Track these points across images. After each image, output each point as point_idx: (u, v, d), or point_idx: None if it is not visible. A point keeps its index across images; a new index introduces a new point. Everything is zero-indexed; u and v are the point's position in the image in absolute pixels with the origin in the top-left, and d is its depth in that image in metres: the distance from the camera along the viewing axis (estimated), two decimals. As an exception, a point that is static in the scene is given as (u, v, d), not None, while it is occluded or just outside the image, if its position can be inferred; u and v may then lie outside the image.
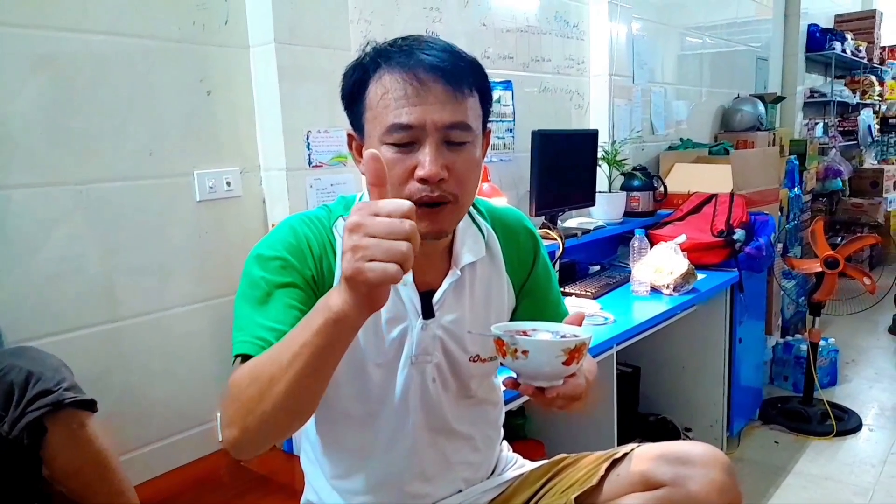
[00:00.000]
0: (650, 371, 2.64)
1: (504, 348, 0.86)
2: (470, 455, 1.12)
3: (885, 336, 4.00)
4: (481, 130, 0.98)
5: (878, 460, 2.53)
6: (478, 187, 1.00)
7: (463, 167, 0.93)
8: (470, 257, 1.04)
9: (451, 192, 0.92)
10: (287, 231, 0.98)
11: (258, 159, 1.72)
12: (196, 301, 1.64)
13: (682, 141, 3.49)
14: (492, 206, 1.15)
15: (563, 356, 0.84)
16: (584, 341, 0.86)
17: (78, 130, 1.42)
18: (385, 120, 0.90)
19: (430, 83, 0.90)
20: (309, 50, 1.67)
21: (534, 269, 1.15)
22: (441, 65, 0.90)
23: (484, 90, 0.97)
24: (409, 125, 0.89)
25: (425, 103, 0.89)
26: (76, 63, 1.41)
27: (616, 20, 2.88)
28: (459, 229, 1.05)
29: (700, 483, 0.99)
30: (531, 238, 1.16)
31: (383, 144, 0.91)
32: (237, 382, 0.83)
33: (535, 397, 0.88)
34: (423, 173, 0.89)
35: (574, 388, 0.88)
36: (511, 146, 2.48)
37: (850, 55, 5.34)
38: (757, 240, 2.60)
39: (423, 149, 0.90)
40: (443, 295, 1.02)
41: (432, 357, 1.03)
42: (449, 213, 0.94)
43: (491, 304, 1.08)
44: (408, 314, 1.01)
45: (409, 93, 0.89)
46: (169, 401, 1.60)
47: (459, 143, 0.92)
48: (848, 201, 5.35)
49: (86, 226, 1.44)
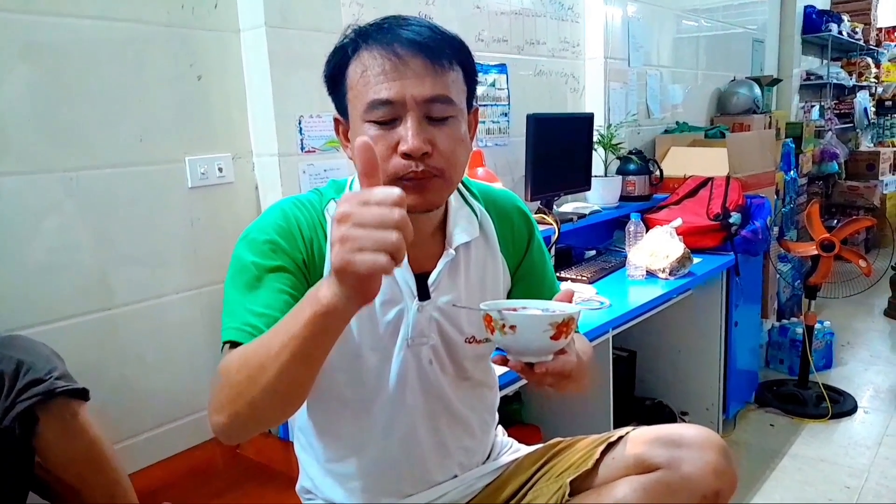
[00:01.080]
0: (646, 355, 2.64)
1: (492, 324, 0.85)
2: (466, 440, 1.11)
3: (881, 319, 4.02)
4: (466, 107, 0.97)
5: (872, 442, 2.54)
6: (467, 164, 0.99)
7: (447, 141, 0.92)
8: (464, 237, 1.04)
9: (437, 166, 0.91)
10: (277, 214, 0.97)
11: (250, 145, 1.70)
12: (189, 288, 1.63)
13: (678, 124, 3.47)
14: (485, 187, 1.14)
15: (550, 330, 0.83)
16: (571, 315, 0.85)
17: (67, 117, 1.40)
18: (365, 97, 0.90)
19: (408, 57, 0.89)
20: (300, 34, 1.65)
21: (529, 251, 1.14)
22: (419, 39, 0.90)
23: (467, 66, 0.97)
24: (388, 100, 0.89)
25: (404, 77, 0.89)
26: (64, 48, 1.39)
27: (611, 3, 2.85)
28: (452, 210, 1.04)
29: (695, 465, 0.99)
30: (525, 219, 1.15)
31: (365, 122, 0.91)
32: (227, 369, 0.83)
33: (525, 374, 0.87)
34: (405, 148, 0.89)
35: (564, 365, 0.87)
36: (506, 130, 2.47)
37: (846, 37, 5.32)
38: (753, 223, 2.59)
39: (404, 124, 0.89)
40: (438, 276, 1.01)
41: (428, 339, 1.02)
42: (437, 186, 0.93)
43: (486, 285, 1.08)
44: (403, 296, 1.00)
45: (387, 68, 0.89)
46: (162, 389, 1.59)
47: (442, 118, 0.91)
48: (844, 184, 5.35)
49: (76, 213, 1.43)
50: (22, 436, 1.09)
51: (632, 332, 2.15)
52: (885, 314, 4.05)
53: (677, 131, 3.40)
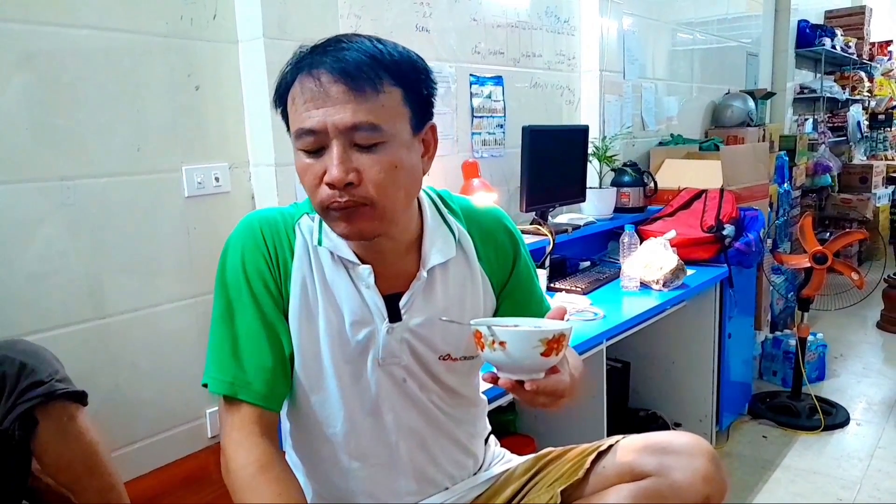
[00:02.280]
0: (640, 366, 2.65)
1: (482, 340, 0.84)
2: (455, 453, 1.12)
3: (874, 331, 4.03)
4: (412, 126, 0.92)
5: (865, 454, 2.55)
6: (414, 188, 0.96)
7: (376, 170, 0.88)
8: (439, 258, 1.02)
9: (364, 195, 0.88)
10: (248, 239, 1.00)
11: (247, 155, 1.71)
12: (184, 298, 1.63)
13: (673, 137, 3.50)
14: (470, 204, 1.12)
15: (541, 346, 0.83)
16: (563, 331, 0.84)
17: (63, 126, 1.41)
18: (294, 125, 0.90)
19: (329, 84, 0.86)
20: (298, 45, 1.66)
21: (514, 270, 1.12)
22: (341, 64, 0.86)
23: (410, 85, 0.91)
24: (311, 130, 0.87)
25: (325, 105, 0.86)
26: (61, 58, 1.40)
27: (607, 15, 2.88)
28: (428, 229, 1.02)
29: (684, 472, 1.00)
30: (510, 237, 1.13)
31: (298, 151, 0.91)
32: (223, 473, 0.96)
33: (516, 392, 0.87)
34: (328, 178, 0.88)
35: (556, 384, 0.87)
36: (502, 142, 2.48)
37: (839, 51, 5.36)
38: (746, 235, 2.61)
39: (329, 153, 0.88)
40: (410, 298, 1.01)
41: (399, 360, 1.02)
42: (365, 215, 0.90)
43: (465, 305, 1.06)
44: (373, 317, 1.00)
45: (310, 97, 0.87)
46: (156, 398, 1.59)
47: (369, 146, 0.88)
48: (837, 197, 5.38)
49: (72, 222, 1.43)
50: (21, 438, 1.10)
51: (626, 343, 2.16)
52: (877, 326, 4.06)
53: (672, 143, 3.43)
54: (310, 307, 0.99)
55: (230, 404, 0.97)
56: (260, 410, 0.96)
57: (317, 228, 1.00)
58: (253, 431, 0.95)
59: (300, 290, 0.99)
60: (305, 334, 0.99)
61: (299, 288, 0.99)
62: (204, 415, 1.67)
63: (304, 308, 0.99)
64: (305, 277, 0.99)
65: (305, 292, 0.99)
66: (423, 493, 1.09)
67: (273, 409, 0.99)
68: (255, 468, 0.92)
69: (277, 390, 0.98)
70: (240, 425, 0.96)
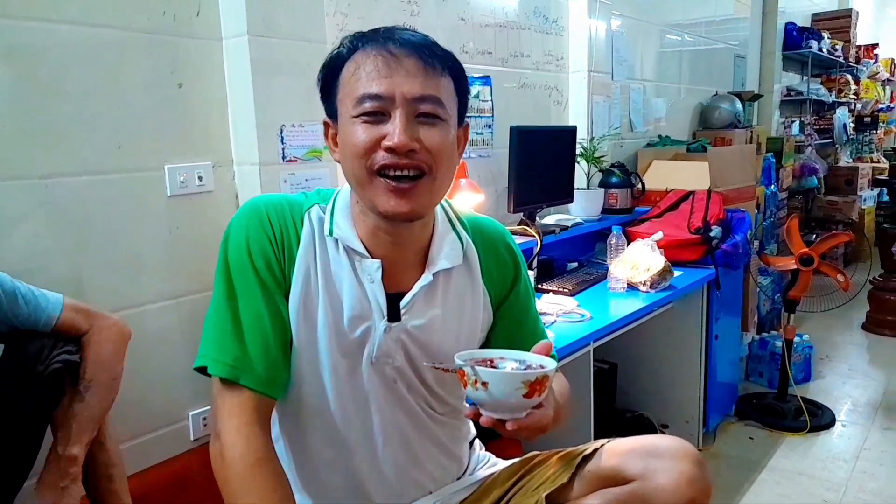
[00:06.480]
0: (627, 368, 2.65)
1: (465, 378, 0.84)
2: (439, 456, 1.11)
3: (859, 332, 4.06)
4: (457, 118, 0.97)
5: (850, 456, 2.56)
6: (454, 174, 0.99)
7: (435, 141, 0.91)
8: (445, 263, 1.02)
9: (425, 162, 0.90)
10: (253, 219, 0.98)
11: (231, 153, 1.69)
12: (167, 298, 1.61)
13: (661, 138, 3.50)
14: (474, 217, 1.12)
15: (523, 388, 0.82)
16: (546, 373, 0.84)
17: (43, 123, 1.38)
18: (356, 92, 0.90)
19: (402, 56, 0.90)
20: (283, 43, 1.65)
21: (514, 287, 1.12)
22: (413, 40, 0.92)
23: (459, 80, 0.97)
24: (377, 95, 0.89)
25: (395, 74, 0.89)
26: (42, 54, 1.37)
27: (595, 16, 2.87)
28: (438, 233, 1.03)
29: (668, 475, 0.99)
30: (512, 255, 1.13)
31: (353, 118, 0.91)
32: (215, 460, 0.94)
33: (497, 428, 0.86)
34: (390, 143, 0.88)
35: (538, 421, 0.87)
36: (490, 142, 2.47)
37: (826, 54, 5.40)
38: (733, 237, 2.61)
39: (392, 120, 0.89)
40: (412, 298, 1.00)
41: (393, 360, 1.01)
42: (424, 188, 0.92)
43: (464, 315, 1.06)
44: (372, 313, 0.99)
45: (379, 64, 0.90)
46: (139, 399, 1.56)
47: (431, 118, 0.91)
48: (823, 199, 5.41)
49: (52, 221, 1.41)
50: (45, 399, 1.16)
51: (613, 345, 2.15)
52: (863, 328, 4.09)
53: (660, 145, 3.43)
54: (311, 298, 0.98)
55: (229, 388, 0.94)
56: (259, 397, 0.94)
57: (328, 219, 0.99)
58: (252, 420, 0.93)
59: (303, 278, 0.97)
60: (303, 325, 0.98)
61: (302, 276, 0.97)
62: (187, 416, 1.65)
63: (305, 298, 0.98)
64: (310, 267, 0.98)
65: (308, 282, 0.98)
66: (406, 496, 1.08)
67: (273, 396, 0.97)
68: (253, 460, 0.90)
69: (279, 376, 0.97)
70: (239, 411, 0.93)
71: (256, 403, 0.94)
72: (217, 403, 0.95)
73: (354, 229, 0.99)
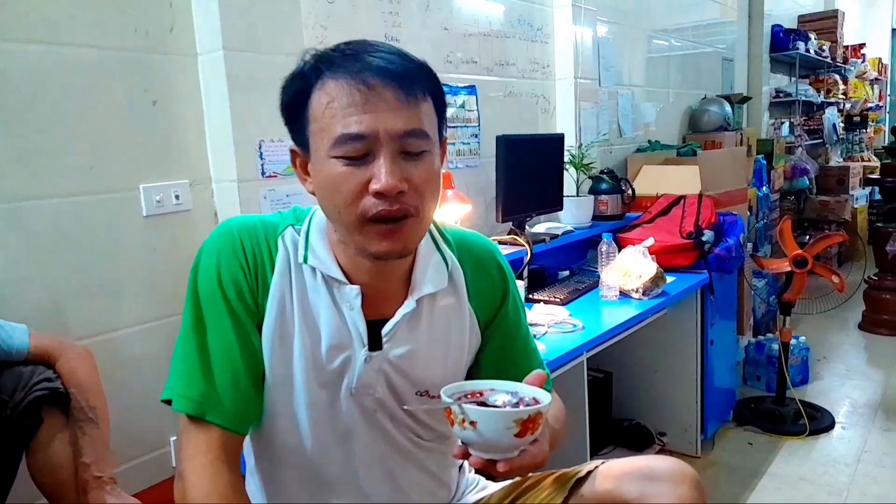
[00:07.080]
0: (623, 376, 2.61)
1: (452, 416, 0.78)
2: (426, 483, 1.06)
3: (855, 332, 4.03)
4: (438, 138, 0.91)
5: (851, 459, 2.52)
6: (438, 201, 0.93)
7: (422, 178, 0.85)
8: (430, 287, 0.96)
9: (412, 204, 0.85)
10: (225, 244, 0.93)
11: (209, 171, 1.66)
12: (147, 321, 1.57)
13: (650, 143, 3.48)
14: (462, 235, 1.06)
15: (515, 428, 0.76)
16: (539, 410, 0.77)
17: (8, 146, 1.35)
18: (333, 131, 0.83)
19: (381, 88, 0.82)
20: (260, 57, 1.62)
21: (503, 307, 1.06)
22: (391, 67, 0.83)
23: (437, 95, 0.90)
24: (360, 135, 0.82)
25: (376, 110, 0.82)
26: (9, 74, 1.34)
27: (581, 23, 2.86)
28: (421, 256, 0.97)
29: (667, 499, 0.95)
30: (502, 273, 1.07)
31: (331, 158, 0.84)
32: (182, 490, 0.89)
33: (488, 470, 0.80)
34: (378, 187, 0.82)
35: (532, 458, 0.81)
36: (476, 152, 2.44)
37: (813, 55, 5.41)
38: (726, 241, 2.59)
39: (377, 161, 0.83)
40: (394, 326, 0.95)
41: (374, 391, 0.96)
42: (411, 228, 0.86)
43: (450, 340, 1.01)
44: (352, 342, 0.94)
45: (357, 99, 0.82)
46: (119, 426, 1.51)
47: (417, 153, 0.85)
48: (815, 199, 5.40)
49: (23, 245, 1.37)
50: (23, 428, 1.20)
51: (607, 353, 2.11)
52: (859, 328, 4.06)
53: (649, 150, 3.41)
54: (286, 327, 0.93)
55: (195, 424, 0.89)
56: (227, 434, 0.90)
57: (302, 244, 0.94)
58: (218, 457, 0.88)
59: (277, 307, 0.92)
60: (278, 356, 0.93)
61: (276, 305, 0.92)
62: (168, 443, 1.61)
63: (280, 327, 0.93)
64: (285, 295, 0.93)
65: (283, 311, 0.93)
66: (392, 526, 1.03)
67: (241, 432, 0.92)
68: (217, 500, 0.86)
69: (248, 411, 0.92)
70: (205, 449, 0.88)
71: (224, 440, 0.89)
72: (182, 440, 0.91)
73: (331, 254, 0.94)
